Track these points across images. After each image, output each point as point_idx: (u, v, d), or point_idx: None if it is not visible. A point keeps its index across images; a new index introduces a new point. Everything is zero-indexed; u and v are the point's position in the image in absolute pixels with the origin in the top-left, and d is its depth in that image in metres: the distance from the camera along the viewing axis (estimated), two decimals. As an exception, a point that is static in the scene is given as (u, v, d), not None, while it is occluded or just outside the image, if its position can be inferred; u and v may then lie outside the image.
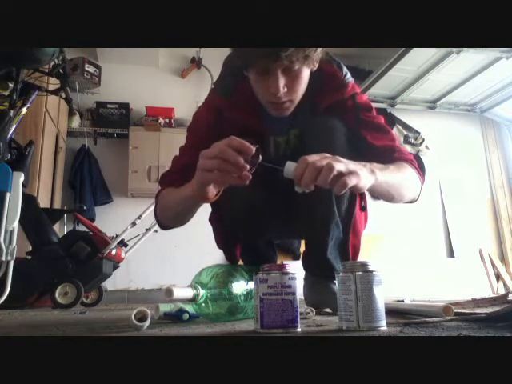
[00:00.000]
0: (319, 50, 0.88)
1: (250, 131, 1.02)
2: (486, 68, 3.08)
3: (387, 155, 0.96)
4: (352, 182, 0.68)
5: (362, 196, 1.11)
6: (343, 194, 0.99)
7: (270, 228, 1.13)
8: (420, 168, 0.99)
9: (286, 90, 0.90)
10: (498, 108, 3.75)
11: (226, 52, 1.03)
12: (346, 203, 1.02)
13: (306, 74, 0.92)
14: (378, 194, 0.88)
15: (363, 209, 1.12)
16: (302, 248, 1.36)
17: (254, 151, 0.68)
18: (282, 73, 0.87)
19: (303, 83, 0.93)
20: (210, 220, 1.16)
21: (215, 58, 3.54)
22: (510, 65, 2.98)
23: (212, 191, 0.79)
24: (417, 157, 3.53)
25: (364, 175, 0.71)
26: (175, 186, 0.94)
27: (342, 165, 0.68)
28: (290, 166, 0.70)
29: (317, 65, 0.95)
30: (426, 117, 3.74)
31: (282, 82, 0.88)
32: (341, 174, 0.67)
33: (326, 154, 0.70)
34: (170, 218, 1.01)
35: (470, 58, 2.96)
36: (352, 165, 0.70)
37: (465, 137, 3.96)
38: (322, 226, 1.00)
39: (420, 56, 2.95)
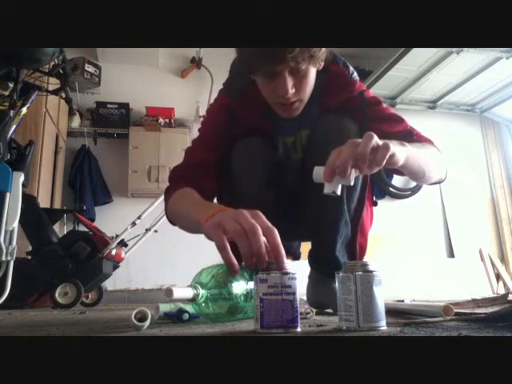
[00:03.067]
0: (324, 48, 0.88)
1: (259, 131, 1.03)
2: (485, 68, 3.08)
3: (407, 139, 0.93)
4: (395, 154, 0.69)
5: (372, 191, 1.11)
6: (353, 192, 1.00)
7: (276, 228, 1.13)
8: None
9: (294, 90, 0.90)
10: (497, 108, 3.76)
11: (226, 52, 1.04)
12: (356, 202, 1.02)
13: (312, 73, 0.92)
14: (409, 168, 0.83)
15: (375, 204, 1.12)
16: (302, 248, 1.36)
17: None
18: (289, 74, 0.87)
19: (311, 82, 0.93)
20: None
21: (215, 58, 3.57)
22: (510, 65, 2.97)
23: None
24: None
25: (397, 148, 0.71)
26: (183, 183, 0.94)
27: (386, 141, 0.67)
28: (319, 170, 0.66)
29: (322, 64, 0.95)
30: (426, 117, 3.73)
31: (289, 83, 0.88)
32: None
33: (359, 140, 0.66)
34: (181, 227, 0.96)
35: (469, 58, 2.96)
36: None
37: (465, 137, 3.96)
38: (332, 223, 1.00)
39: (420, 56, 2.95)
